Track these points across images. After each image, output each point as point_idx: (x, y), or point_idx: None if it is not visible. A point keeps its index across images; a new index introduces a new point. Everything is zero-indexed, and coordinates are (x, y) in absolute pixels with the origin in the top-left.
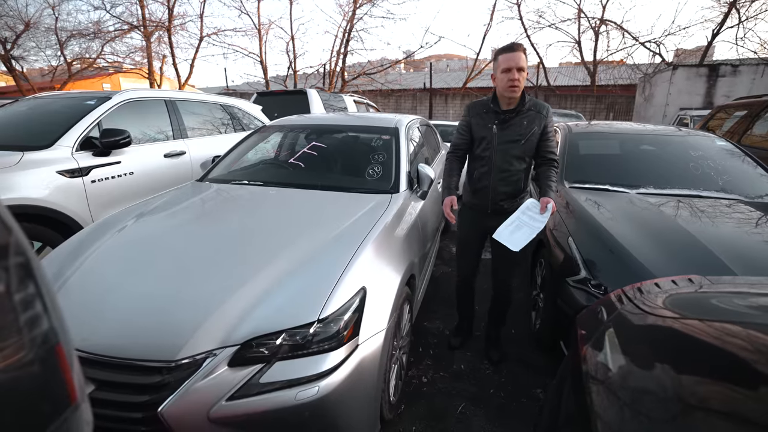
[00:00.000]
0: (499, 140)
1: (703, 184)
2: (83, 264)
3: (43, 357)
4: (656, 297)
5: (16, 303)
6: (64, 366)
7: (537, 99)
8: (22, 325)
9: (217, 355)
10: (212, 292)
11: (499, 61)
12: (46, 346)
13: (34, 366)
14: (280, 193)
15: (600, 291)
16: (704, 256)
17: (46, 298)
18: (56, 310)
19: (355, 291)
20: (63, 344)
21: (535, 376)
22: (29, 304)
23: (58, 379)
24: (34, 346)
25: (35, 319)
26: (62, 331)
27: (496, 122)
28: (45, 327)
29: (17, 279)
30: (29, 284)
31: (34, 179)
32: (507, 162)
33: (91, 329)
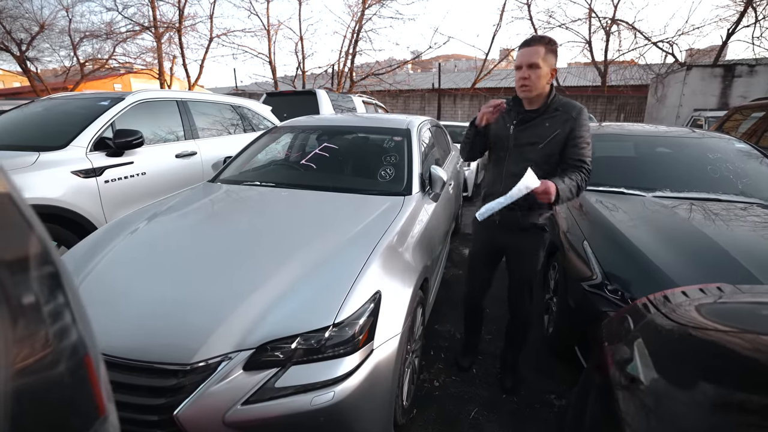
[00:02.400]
0: (515, 142)
1: (721, 187)
2: (97, 266)
3: (72, 369)
4: (688, 307)
5: (45, 314)
6: (93, 377)
7: (568, 99)
8: (51, 336)
9: (232, 359)
10: (226, 295)
11: (515, 57)
12: (76, 357)
13: (64, 378)
14: (293, 195)
15: (617, 296)
16: (726, 262)
17: (74, 308)
18: (84, 320)
19: (370, 295)
20: (91, 355)
21: (549, 381)
22: (58, 315)
23: (87, 392)
24: (63, 358)
25: (64, 330)
26: (90, 341)
27: (515, 122)
28: (74, 338)
29: (47, 290)
30: (58, 295)
31: (49, 179)
32: (521, 167)
33: (106, 331)
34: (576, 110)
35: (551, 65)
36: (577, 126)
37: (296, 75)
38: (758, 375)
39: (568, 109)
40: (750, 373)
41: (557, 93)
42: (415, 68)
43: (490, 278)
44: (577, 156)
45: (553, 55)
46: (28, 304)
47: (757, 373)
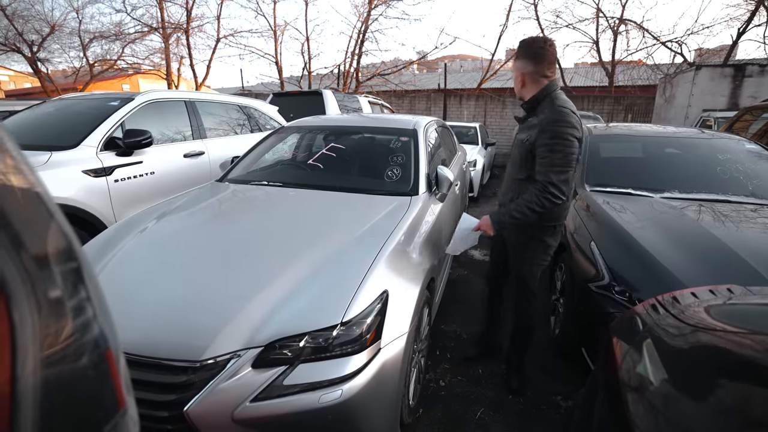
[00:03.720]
0: (515, 143)
1: (732, 188)
2: (108, 265)
3: (94, 363)
4: (697, 308)
5: (69, 308)
6: (114, 371)
7: (555, 103)
8: (75, 330)
9: (241, 356)
10: (235, 294)
11: None
12: (98, 351)
13: (88, 371)
14: (300, 194)
15: (624, 297)
16: (735, 263)
17: (96, 302)
18: (106, 314)
19: (378, 294)
20: (113, 348)
21: (555, 383)
22: (81, 309)
23: (109, 385)
24: (86, 352)
25: (87, 324)
26: (112, 335)
27: (519, 123)
28: (96, 332)
29: (71, 284)
30: (81, 289)
31: (61, 178)
32: (511, 168)
33: (117, 327)
34: (546, 116)
35: (519, 69)
36: (542, 134)
37: (302, 75)
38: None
39: (542, 113)
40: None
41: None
42: (421, 68)
43: (505, 274)
44: (538, 168)
45: (520, 59)
46: (53, 298)
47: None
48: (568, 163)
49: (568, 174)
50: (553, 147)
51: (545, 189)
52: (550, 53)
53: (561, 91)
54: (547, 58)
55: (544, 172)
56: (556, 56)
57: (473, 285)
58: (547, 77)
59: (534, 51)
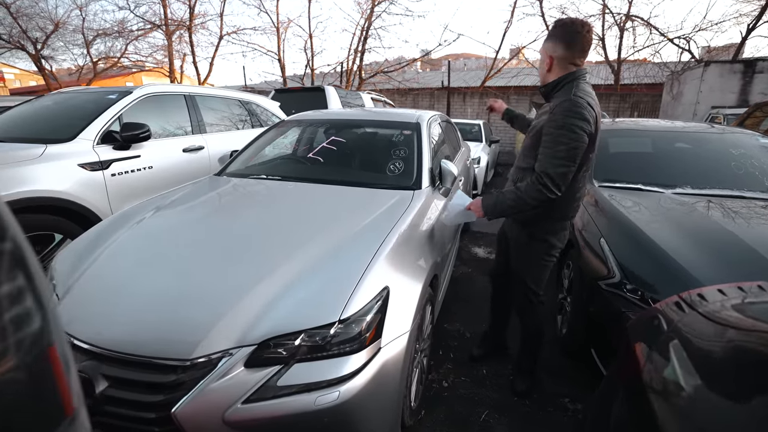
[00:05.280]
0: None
1: (746, 184)
2: (100, 257)
3: (32, 362)
4: (729, 306)
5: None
6: (58, 371)
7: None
8: (6, 323)
9: (233, 355)
10: (229, 289)
11: None
12: (37, 348)
13: (21, 374)
14: (299, 188)
15: (636, 296)
16: (754, 260)
17: (39, 291)
18: (51, 305)
19: (378, 291)
20: (57, 345)
21: (562, 384)
22: (17, 298)
23: (51, 388)
24: (20, 350)
25: (24, 316)
26: (56, 330)
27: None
28: (36, 326)
29: (3, 269)
30: (18, 275)
31: (56, 172)
32: (520, 158)
33: (105, 323)
34: (559, 102)
35: (548, 50)
36: (550, 121)
37: (305, 73)
38: None
39: (555, 101)
40: None
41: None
42: (425, 67)
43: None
44: (539, 158)
45: (551, 40)
46: None
47: None
48: (571, 157)
49: (569, 169)
50: (557, 137)
51: (539, 180)
52: (586, 40)
53: (586, 81)
54: (581, 45)
55: (543, 161)
56: (590, 44)
57: (477, 283)
58: (576, 65)
59: (570, 34)
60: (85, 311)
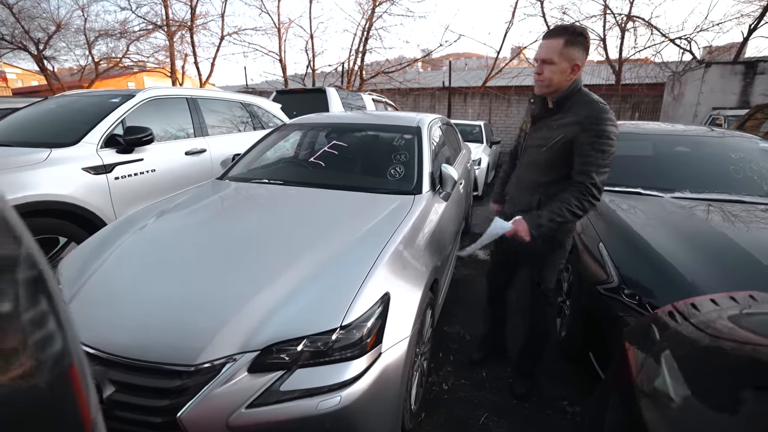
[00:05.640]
0: (527, 143)
1: (745, 188)
2: (104, 263)
3: (55, 381)
4: (721, 317)
5: (25, 322)
6: (78, 389)
7: (591, 98)
8: (31, 346)
9: (237, 361)
10: (232, 295)
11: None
12: (59, 368)
13: (46, 392)
14: (301, 193)
15: (634, 301)
16: (752, 266)
17: (60, 314)
18: (70, 326)
19: (379, 296)
20: (77, 365)
21: (561, 387)
22: (40, 322)
23: (72, 405)
24: (45, 370)
25: (47, 339)
26: (76, 349)
27: (530, 121)
28: (58, 347)
29: (28, 295)
30: (41, 300)
31: (60, 176)
32: (528, 170)
33: (111, 329)
34: (588, 112)
35: (572, 59)
36: (585, 132)
37: (306, 73)
38: None
39: (580, 111)
40: None
41: (582, 89)
42: (426, 66)
43: (512, 273)
44: (580, 168)
45: (577, 48)
46: (4, 312)
47: None
48: (610, 163)
49: (608, 174)
50: (599, 146)
51: (588, 190)
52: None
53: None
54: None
55: (587, 171)
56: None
57: (477, 285)
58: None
59: (587, 41)
60: (92, 317)
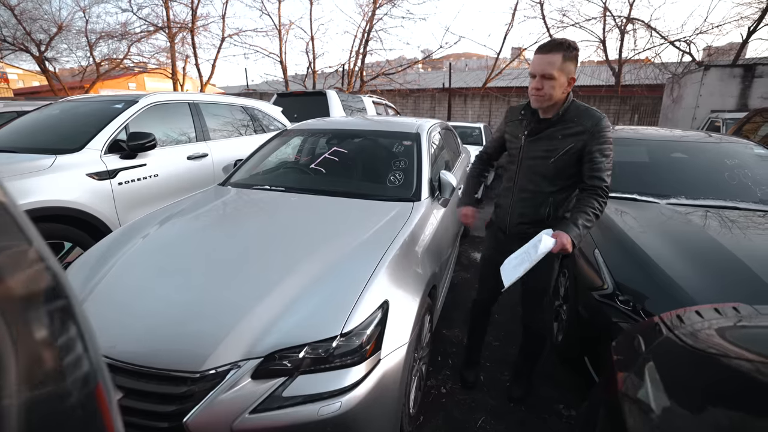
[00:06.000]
0: (526, 154)
1: (740, 194)
2: (110, 272)
3: (85, 401)
4: (703, 329)
5: (59, 347)
6: (104, 407)
7: (588, 108)
8: (64, 370)
9: (241, 367)
10: (236, 303)
11: (531, 62)
12: (87, 388)
13: (77, 411)
14: (302, 200)
15: (628, 307)
16: (744, 276)
17: (86, 338)
18: (95, 347)
19: (378, 304)
20: (102, 384)
21: (558, 390)
22: (71, 347)
23: (99, 422)
24: (76, 391)
25: (77, 361)
26: (100, 367)
27: (526, 132)
28: (86, 369)
29: (59, 323)
30: (70, 326)
31: (65, 182)
32: (531, 181)
33: (118, 337)
34: (593, 121)
35: (569, 73)
36: (593, 140)
37: (307, 74)
38: None
39: (583, 120)
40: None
41: (575, 100)
42: (426, 67)
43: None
44: (592, 173)
45: (572, 62)
46: (41, 340)
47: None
48: (612, 167)
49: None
50: (606, 152)
51: (604, 193)
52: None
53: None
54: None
55: (600, 176)
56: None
57: (476, 289)
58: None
59: (577, 53)
60: (100, 325)
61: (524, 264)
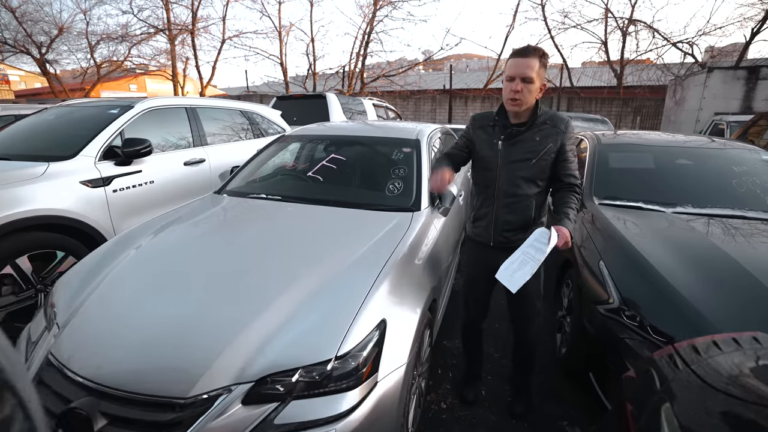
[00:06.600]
0: (505, 159)
1: (748, 203)
2: (98, 288)
3: None
4: (725, 364)
5: None
6: None
7: (554, 111)
8: None
9: (231, 392)
10: (227, 324)
11: (507, 66)
12: None
13: None
14: (298, 210)
15: (635, 323)
16: (757, 291)
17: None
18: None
19: (375, 324)
20: None
21: (561, 407)
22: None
23: None
24: None
25: None
26: None
27: (503, 137)
28: None
29: None
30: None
31: (58, 190)
32: (514, 185)
33: (103, 359)
34: (564, 123)
35: (542, 79)
36: (567, 140)
37: (307, 76)
38: None
39: (556, 122)
40: None
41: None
42: (426, 68)
43: (488, 302)
44: (568, 171)
45: (545, 68)
46: None
47: None
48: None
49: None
50: (573, 151)
51: (580, 190)
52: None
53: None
54: None
55: (575, 174)
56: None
57: None
58: None
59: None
60: (85, 346)
61: (529, 264)
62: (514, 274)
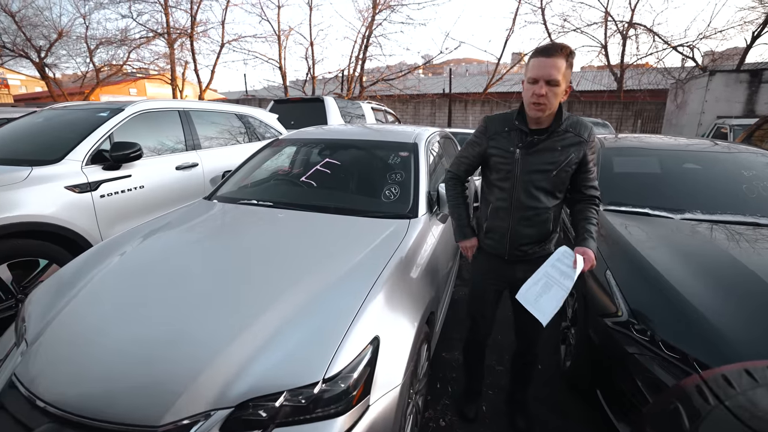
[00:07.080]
0: (524, 168)
1: (760, 209)
2: (71, 302)
3: None
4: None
5: None
6: None
7: (577, 116)
8: None
9: (209, 418)
10: (206, 341)
11: (529, 66)
12: None
13: None
14: (290, 217)
15: (645, 337)
16: None
17: None
18: None
19: (367, 342)
20: None
21: (566, 423)
22: None
23: None
24: None
25: None
26: None
27: (520, 145)
28: None
29: None
30: None
31: (41, 195)
32: (532, 197)
33: (69, 382)
34: (588, 131)
35: (568, 80)
36: (589, 150)
37: (306, 80)
38: None
39: (579, 130)
40: None
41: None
42: (426, 72)
43: (494, 316)
44: (589, 183)
45: (571, 69)
46: None
47: None
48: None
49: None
50: (595, 161)
51: (599, 203)
52: None
53: None
54: None
55: (595, 185)
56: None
57: None
58: None
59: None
60: (50, 366)
61: (554, 289)
62: (539, 299)
